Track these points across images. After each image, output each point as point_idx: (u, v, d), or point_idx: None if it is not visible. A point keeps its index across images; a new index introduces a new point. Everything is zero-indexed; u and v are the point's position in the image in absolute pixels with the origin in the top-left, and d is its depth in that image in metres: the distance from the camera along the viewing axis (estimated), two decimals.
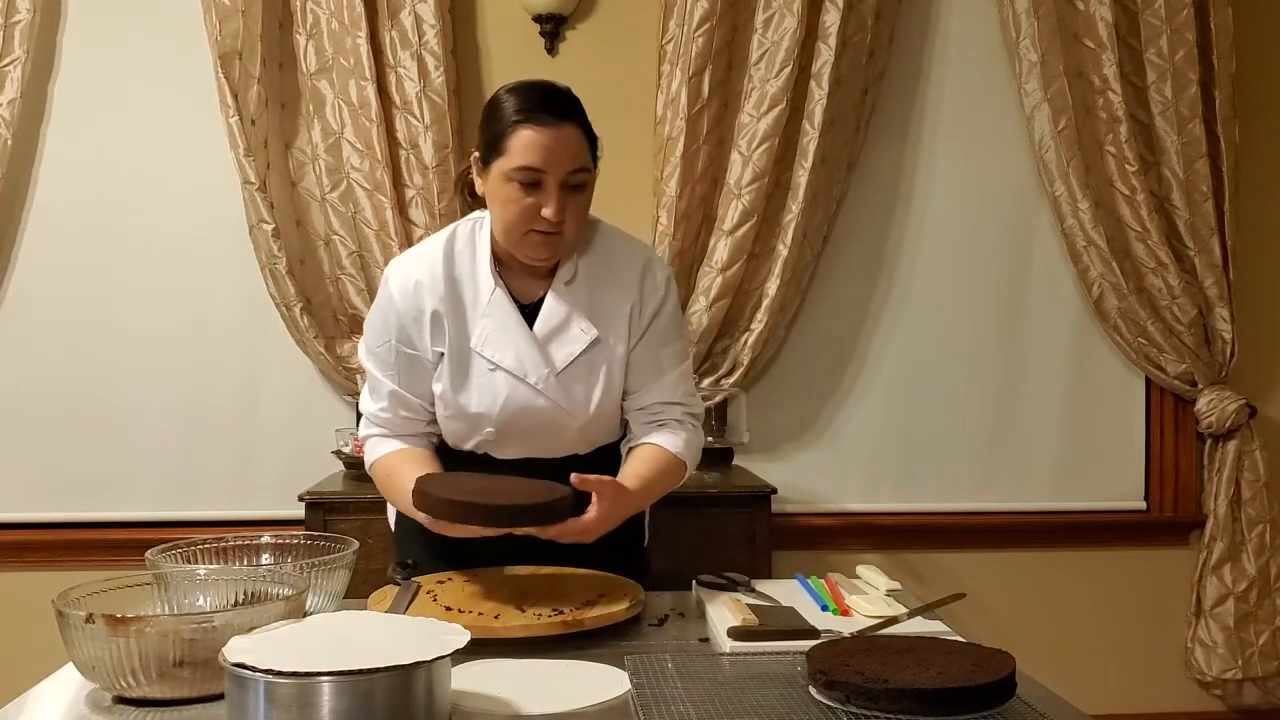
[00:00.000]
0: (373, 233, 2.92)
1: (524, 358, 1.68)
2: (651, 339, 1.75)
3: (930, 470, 3.18)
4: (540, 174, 1.59)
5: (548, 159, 1.59)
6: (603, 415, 1.74)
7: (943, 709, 1.09)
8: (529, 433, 1.72)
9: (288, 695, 0.99)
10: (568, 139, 1.60)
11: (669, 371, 1.76)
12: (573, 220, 1.63)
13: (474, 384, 1.69)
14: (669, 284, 1.77)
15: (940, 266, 3.17)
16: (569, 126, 1.61)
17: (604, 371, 1.71)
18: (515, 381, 1.68)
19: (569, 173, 1.60)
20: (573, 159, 1.61)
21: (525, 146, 1.59)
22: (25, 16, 2.87)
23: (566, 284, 1.71)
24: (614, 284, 1.73)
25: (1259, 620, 3.12)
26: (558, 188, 1.60)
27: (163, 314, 3.01)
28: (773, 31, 2.95)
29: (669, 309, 1.77)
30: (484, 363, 1.69)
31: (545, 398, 1.68)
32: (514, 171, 1.60)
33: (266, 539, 1.55)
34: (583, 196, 1.64)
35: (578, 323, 1.70)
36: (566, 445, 1.74)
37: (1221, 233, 3.09)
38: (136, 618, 1.14)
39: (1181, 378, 3.13)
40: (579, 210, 1.64)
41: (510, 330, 1.69)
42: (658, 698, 1.16)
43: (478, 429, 1.72)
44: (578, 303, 1.71)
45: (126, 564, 2.37)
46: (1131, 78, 3.07)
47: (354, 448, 2.83)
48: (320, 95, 2.94)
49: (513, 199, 1.61)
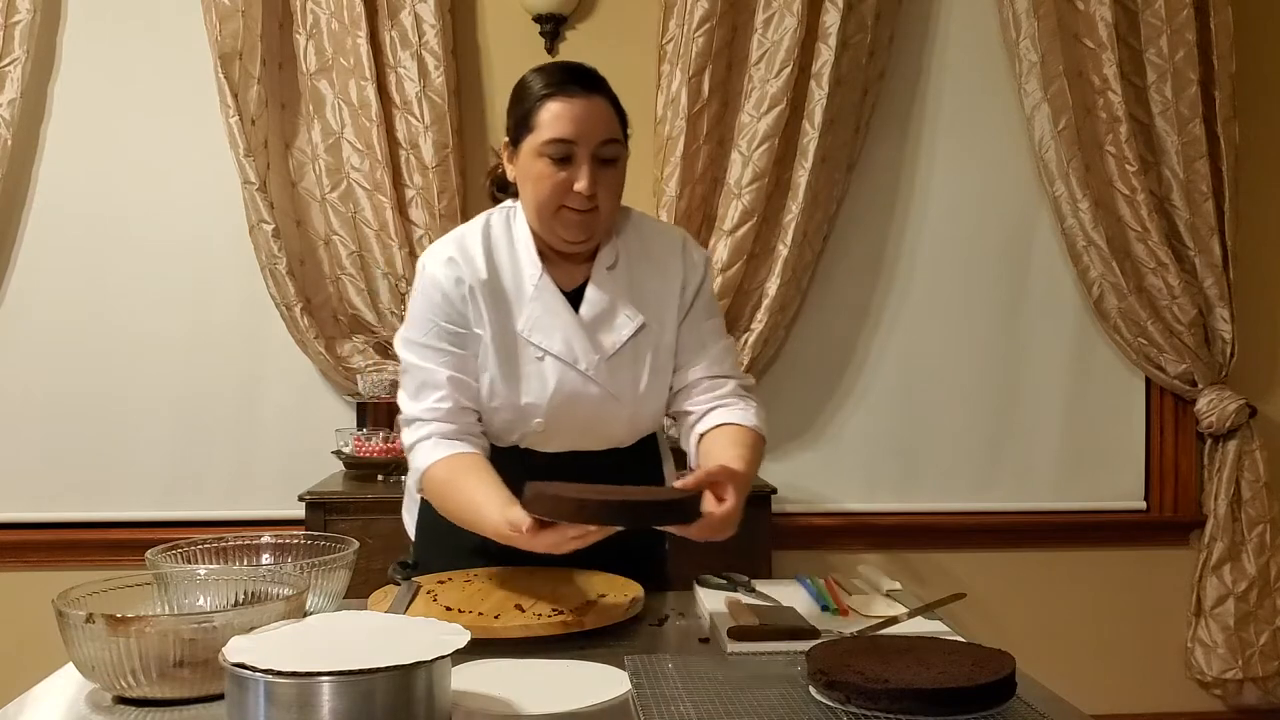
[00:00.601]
0: (373, 233, 2.92)
1: (573, 343, 1.63)
2: (695, 316, 1.71)
3: (930, 470, 3.18)
4: (571, 145, 1.55)
5: (578, 130, 1.55)
6: (650, 401, 1.69)
7: (943, 709, 1.09)
8: (578, 423, 1.67)
9: (288, 695, 0.99)
10: (597, 109, 1.57)
11: (712, 345, 1.71)
12: (606, 196, 1.58)
13: (522, 372, 1.64)
14: (706, 262, 1.74)
15: (940, 266, 3.17)
16: (598, 98, 1.57)
17: (650, 356, 1.67)
18: (565, 368, 1.63)
19: (600, 143, 1.56)
20: (604, 129, 1.56)
21: (554, 118, 1.55)
22: (25, 16, 2.87)
23: (609, 269, 1.67)
24: (654, 267, 1.69)
25: (1259, 620, 3.12)
26: (589, 160, 1.55)
27: (163, 314, 3.01)
28: (773, 31, 2.95)
29: (708, 285, 1.74)
30: (531, 350, 1.63)
31: (596, 385, 1.63)
32: (544, 145, 1.56)
33: (266, 539, 1.55)
34: (615, 171, 1.59)
35: (623, 308, 1.65)
36: (612, 436, 1.70)
37: (1221, 233, 3.09)
38: (136, 618, 1.14)
39: (1181, 378, 3.13)
40: (612, 186, 1.59)
41: (558, 315, 1.63)
42: (658, 698, 1.16)
43: (525, 420, 1.66)
44: (620, 288, 1.66)
45: (126, 564, 2.37)
46: (1131, 78, 3.07)
47: (354, 447, 2.83)
48: (320, 95, 2.94)
49: (544, 175, 1.57)
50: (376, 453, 2.80)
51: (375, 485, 2.73)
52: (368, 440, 2.82)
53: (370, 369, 2.91)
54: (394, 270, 2.91)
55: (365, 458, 2.81)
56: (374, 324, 2.96)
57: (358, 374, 2.91)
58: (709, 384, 1.70)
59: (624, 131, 1.62)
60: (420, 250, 2.94)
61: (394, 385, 2.75)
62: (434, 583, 1.57)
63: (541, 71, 1.62)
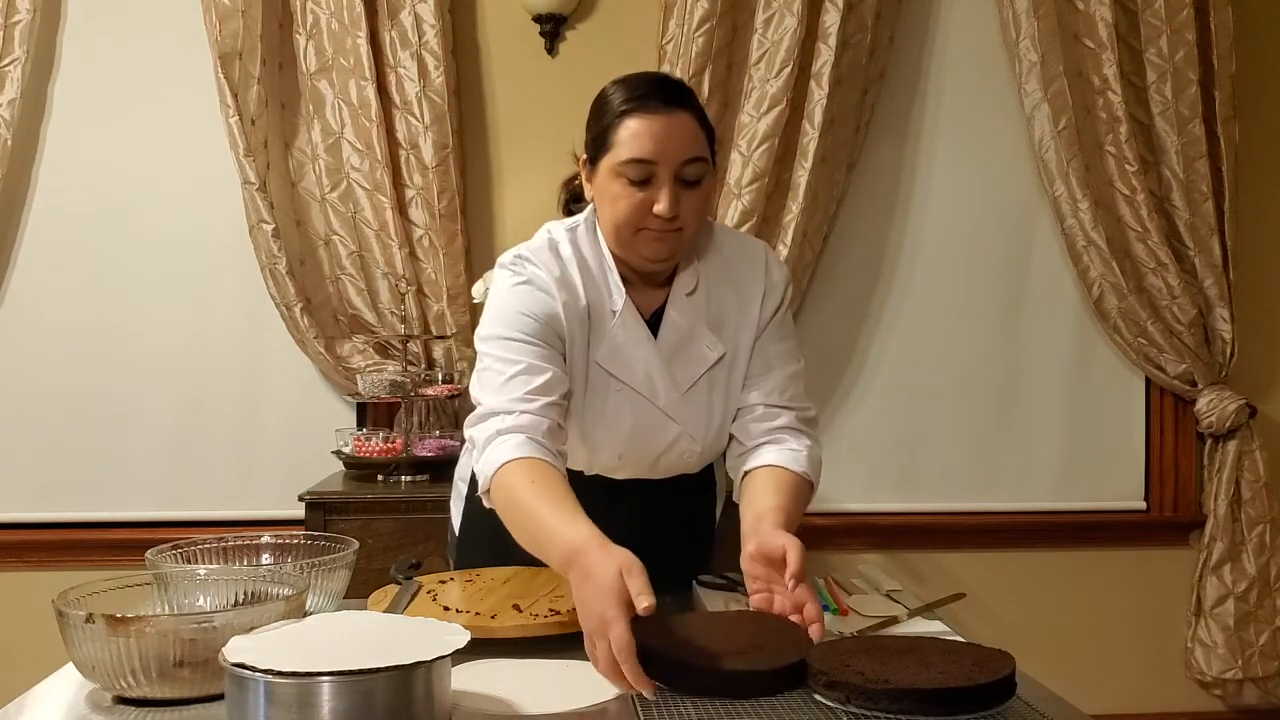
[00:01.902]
0: (373, 233, 2.92)
1: (654, 376, 1.54)
2: (766, 337, 1.60)
3: (930, 470, 3.18)
4: (651, 166, 1.43)
5: (659, 149, 1.43)
6: (722, 433, 1.60)
7: (943, 709, 1.09)
8: (650, 458, 1.60)
9: (288, 695, 0.99)
10: (681, 126, 1.44)
11: (780, 370, 1.60)
12: (690, 216, 1.47)
13: (600, 403, 1.54)
14: (786, 282, 1.63)
15: (940, 266, 3.17)
16: (682, 114, 1.45)
17: (725, 387, 1.58)
18: (643, 402, 1.55)
19: (683, 163, 1.44)
20: (688, 146, 1.44)
21: (633, 137, 1.43)
22: (25, 16, 2.87)
23: (688, 295, 1.56)
24: (735, 291, 1.58)
25: (1259, 620, 3.12)
26: (671, 180, 1.44)
27: (163, 314, 3.01)
28: (773, 31, 2.95)
29: (785, 307, 1.63)
30: (610, 381, 1.54)
31: (675, 422, 1.56)
32: (622, 166, 1.45)
33: (266, 539, 1.54)
34: (699, 191, 1.47)
35: (703, 338, 1.55)
36: (685, 467, 1.63)
37: (1221, 233, 3.09)
38: (136, 618, 1.13)
39: (1181, 378, 3.13)
40: (696, 206, 1.47)
41: (640, 345, 1.54)
42: (658, 698, 1.16)
43: (597, 453, 1.58)
44: (699, 315, 1.56)
45: (126, 564, 2.37)
46: (1131, 78, 3.07)
47: (354, 447, 2.83)
48: (320, 95, 2.94)
49: (622, 195, 1.46)
50: (376, 453, 2.80)
51: (375, 485, 2.73)
52: (368, 440, 2.82)
53: (370, 369, 2.91)
54: (394, 270, 2.91)
55: (365, 458, 2.81)
56: (374, 324, 2.96)
57: (358, 374, 2.91)
58: (765, 411, 1.59)
59: (711, 147, 1.50)
60: (420, 250, 2.94)
61: (393, 385, 2.75)
62: (435, 582, 1.57)
63: (623, 84, 1.49)
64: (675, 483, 1.65)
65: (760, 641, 1.23)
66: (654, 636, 1.22)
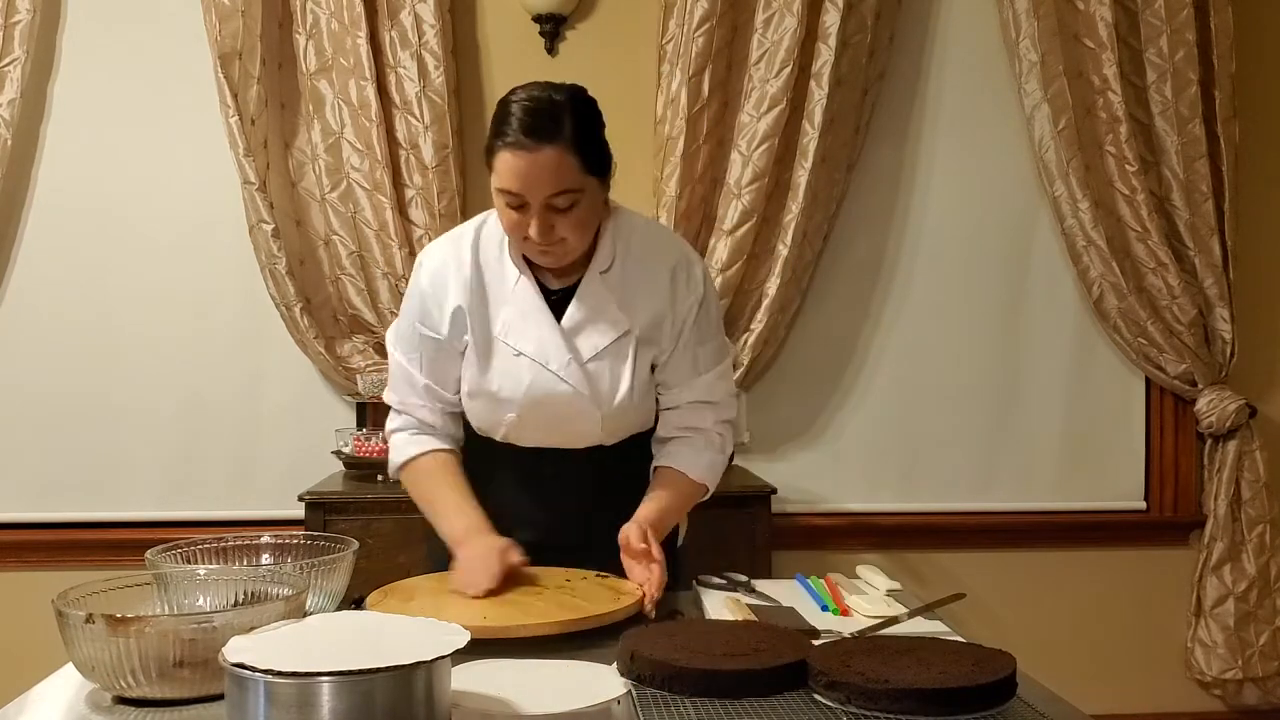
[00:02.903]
0: (373, 233, 2.92)
1: (547, 345, 1.66)
2: (689, 337, 1.71)
3: (930, 470, 3.18)
4: (520, 197, 1.56)
5: (525, 185, 1.55)
6: (628, 408, 1.69)
7: (943, 709, 1.09)
8: (552, 420, 1.69)
9: (288, 695, 0.99)
10: (546, 163, 1.54)
11: (706, 371, 1.73)
12: (570, 231, 1.60)
13: (497, 369, 1.68)
14: (706, 280, 1.74)
15: (940, 266, 3.17)
16: (548, 150, 1.54)
17: (631, 363, 1.67)
18: (538, 367, 1.66)
19: (549, 196, 1.55)
20: (552, 183, 1.55)
21: (505, 168, 1.56)
22: (25, 16, 2.87)
23: (602, 272, 1.68)
24: (650, 277, 1.70)
25: (1259, 620, 3.12)
26: (541, 210, 1.56)
27: (163, 314, 3.01)
28: (773, 31, 2.95)
29: (707, 305, 1.73)
30: (507, 349, 1.67)
31: (568, 384, 1.65)
32: (498, 192, 1.59)
33: (266, 539, 1.55)
34: (575, 212, 1.58)
35: (610, 313, 1.67)
36: (588, 435, 1.71)
37: (1221, 233, 3.09)
38: (136, 618, 1.13)
39: (1181, 378, 3.13)
40: (574, 223, 1.59)
41: (532, 318, 1.67)
42: (658, 698, 1.16)
43: (501, 414, 1.69)
44: (612, 291, 1.68)
45: (126, 564, 2.36)
46: (1131, 78, 3.07)
47: (354, 447, 2.83)
48: (320, 95, 2.94)
49: (504, 212, 1.60)
50: (376, 453, 2.80)
51: (375, 485, 2.73)
52: (368, 440, 2.82)
53: (370, 369, 2.91)
54: (394, 270, 2.91)
55: (365, 458, 2.81)
56: (374, 324, 2.96)
57: (358, 374, 2.91)
58: (687, 409, 1.74)
59: (590, 166, 1.59)
60: (420, 250, 2.93)
61: None
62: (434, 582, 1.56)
63: (505, 105, 1.59)
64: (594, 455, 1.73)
65: (761, 645, 1.24)
66: (655, 640, 1.23)
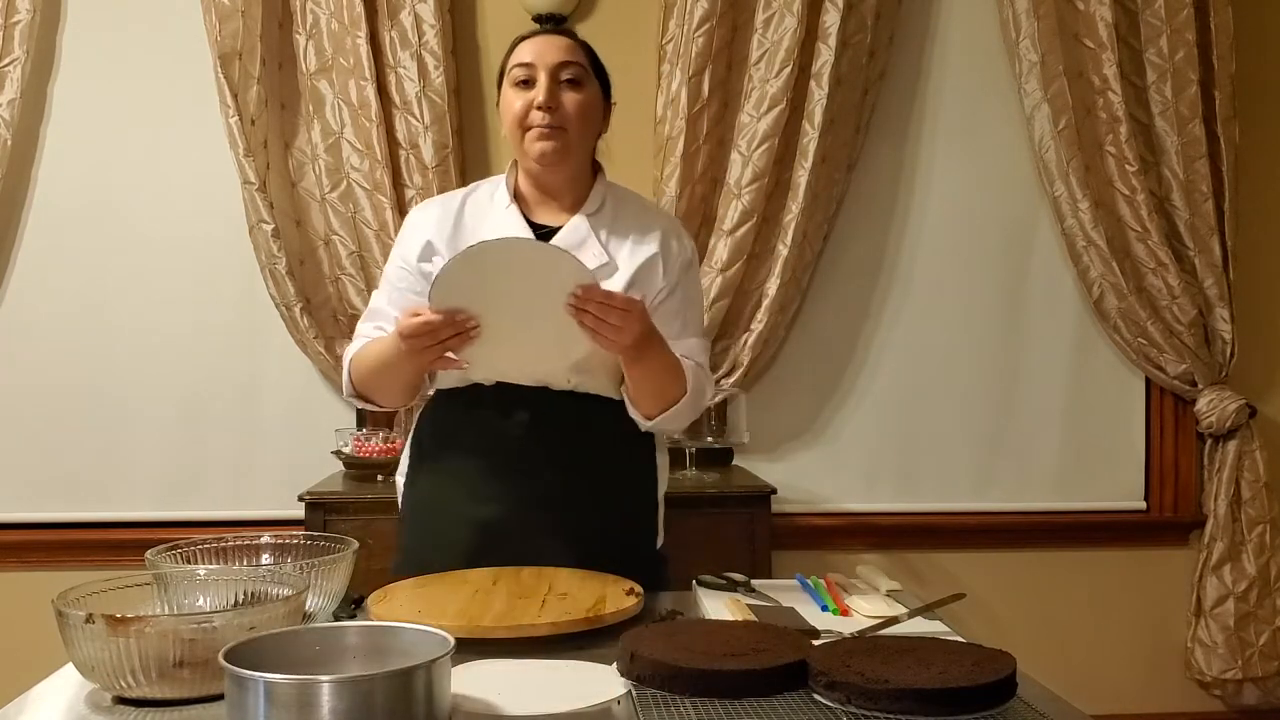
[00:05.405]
0: (373, 233, 2.91)
1: None
2: (680, 295, 1.76)
3: (930, 470, 3.18)
4: (531, 68, 1.70)
5: (535, 56, 1.71)
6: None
7: (943, 709, 1.09)
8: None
9: (288, 695, 0.99)
10: (555, 41, 1.73)
11: (692, 336, 1.77)
12: (572, 115, 1.70)
13: None
14: (694, 250, 1.82)
15: (940, 266, 3.17)
16: (558, 36, 1.75)
17: None
18: None
19: (557, 64, 1.70)
20: (561, 54, 1.71)
21: (518, 51, 1.74)
22: (25, 16, 2.87)
23: (591, 214, 1.75)
24: (641, 229, 1.76)
25: (1259, 620, 3.12)
26: (548, 80, 1.69)
27: (162, 314, 3.01)
28: (773, 31, 2.95)
29: (694, 273, 1.81)
30: None
31: None
32: (510, 73, 1.72)
33: (266, 539, 1.54)
34: (580, 95, 1.71)
35: (593, 246, 1.71)
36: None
37: (1221, 233, 3.09)
38: (136, 618, 1.13)
39: (1181, 378, 3.13)
40: (577, 106, 1.71)
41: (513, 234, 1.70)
42: (658, 698, 1.16)
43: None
44: (598, 230, 1.73)
45: (126, 564, 2.36)
46: (1131, 78, 3.07)
47: (354, 448, 2.83)
48: (320, 95, 2.94)
49: (511, 100, 1.71)
50: (376, 453, 2.80)
51: (375, 485, 2.73)
52: (367, 440, 2.82)
53: None
54: None
55: (365, 458, 2.81)
56: None
57: None
58: None
59: (594, 69, 1.75)
60: None
61: None
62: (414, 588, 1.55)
63: None
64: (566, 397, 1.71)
65: (761, 645, 1.24)
66: (655, 640, 1.23)
